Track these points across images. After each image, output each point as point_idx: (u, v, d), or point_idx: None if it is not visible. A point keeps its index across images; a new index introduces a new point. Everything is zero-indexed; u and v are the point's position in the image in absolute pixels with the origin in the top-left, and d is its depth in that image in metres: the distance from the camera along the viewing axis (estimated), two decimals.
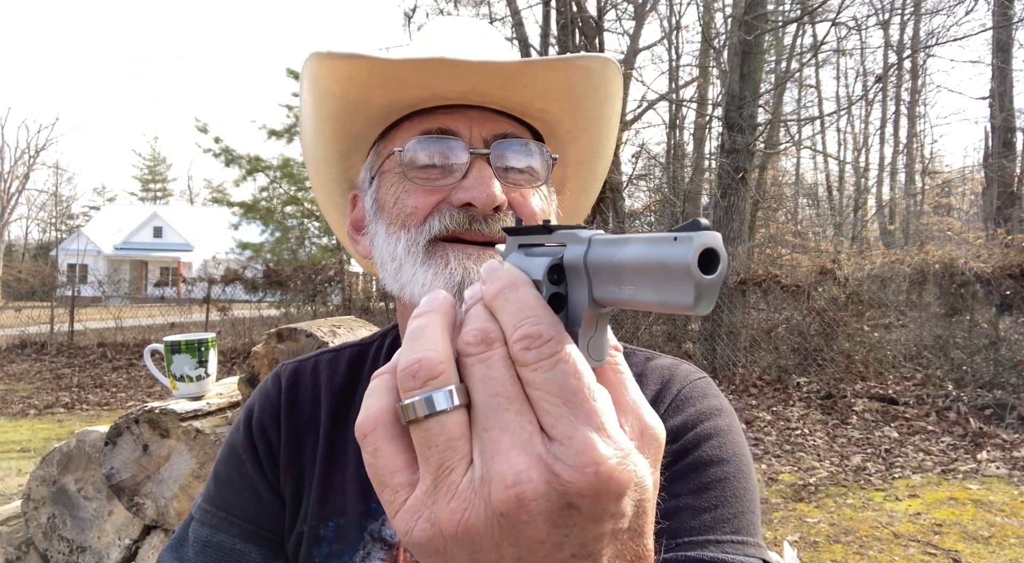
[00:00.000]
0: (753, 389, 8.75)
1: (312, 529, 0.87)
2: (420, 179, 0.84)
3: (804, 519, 4.76)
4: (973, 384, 7.84)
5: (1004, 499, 5.07)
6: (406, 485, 0.41)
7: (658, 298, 0.36)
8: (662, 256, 0.35)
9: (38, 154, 44.63)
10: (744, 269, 9.75)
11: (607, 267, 0.39)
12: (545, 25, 12.42)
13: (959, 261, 8.57)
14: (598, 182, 1.06)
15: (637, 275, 0.37)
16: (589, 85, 0.88)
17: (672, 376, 0.89)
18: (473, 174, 0.82)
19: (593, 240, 0.41)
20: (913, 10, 17.68)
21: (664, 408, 0.85)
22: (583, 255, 0.41)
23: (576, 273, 0.41)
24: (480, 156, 0.84)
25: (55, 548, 2.22)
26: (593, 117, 0.94)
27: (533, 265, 0.44)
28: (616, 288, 0.39)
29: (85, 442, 2.27)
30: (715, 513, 0.75)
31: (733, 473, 0.79)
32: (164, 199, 66.78)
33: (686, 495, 0.76)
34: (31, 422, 8.30)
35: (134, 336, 14.19)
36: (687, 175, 18.01)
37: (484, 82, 0.83)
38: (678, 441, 0.81)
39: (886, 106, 25.71)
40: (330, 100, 0.88)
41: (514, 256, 0.47)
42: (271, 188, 16.60)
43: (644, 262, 0.36)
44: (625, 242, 0.38)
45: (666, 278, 0.35)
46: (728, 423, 0.85)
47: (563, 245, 0.43)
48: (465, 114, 0.87)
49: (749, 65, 10.36)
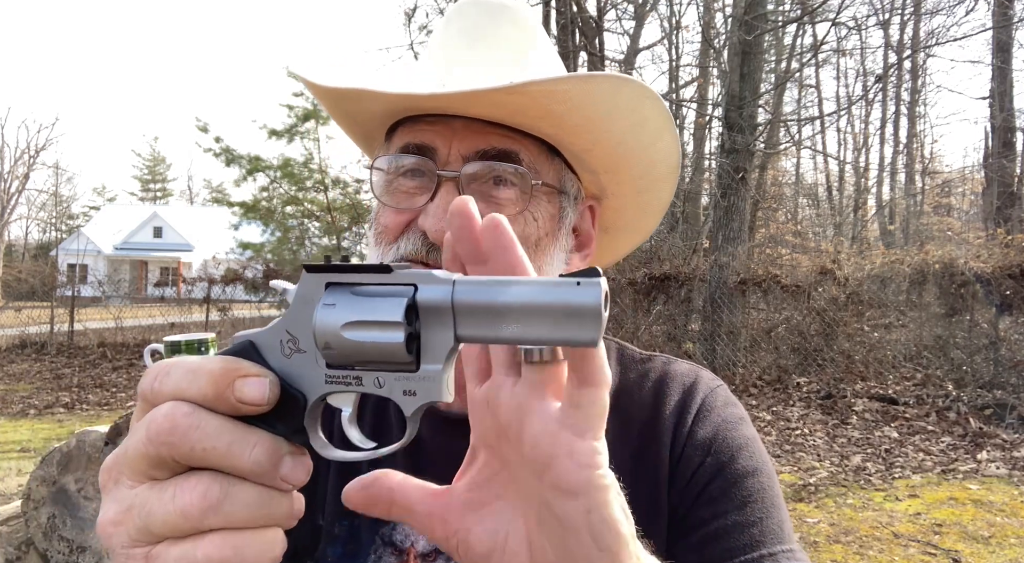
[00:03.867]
0: (753, 389, 8.75)
1: (328, 526, 0.86)
2: (394, 194, 0.83)
3: (804, 519, 4.76)
4: (973, 384, 7.84)
5: (1004, 499, 5.07)
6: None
7: (553, 335, 0.39)
8: (566, 299, 0.39)
9: (38, 154, 44.66)
10: (744, 269, 9.75)
11: (484, 307, 0.41)
12: (545, 25, 12.40)
13: (959, 261, 8.57)
14: (658, 182, 0.95)
15: (527, 315, 0.39)
16: (570, 105, 0.78)
17: (694, 383, 0.91)
18: (436, 199, 0.78)
19: (459, 281, 0.42)
20: (913, 10, 17.69)
21: (692, 417, 0.86)
22: (449, 296, 0.41)
23: (436, 313, 0.42)
24: (449, 179, 0.79)
25: (55, 548, 2.22)
26: (597, 131, 0.83)
27: (380, 305, 0.42)
28: (494, 327, 0.41)
29: (85, 442, 2.27)
30: (762, 526, 0.79)
31: (767, 482, 0.83)
32: (164, 199, 66.80)
33: (732, 512, 0.79)
34: (31, 422, 8.30)
35: (134, 336, 14.19)
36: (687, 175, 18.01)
37: (444, 101, 0.77)
38: (712, 453, 0.83)
39: (886, 106, 25.72)
40: (326, 108, 0.94)
41: (335, 296, 0.44)
42: (271, 188, 16.59)
43: (541, 304, 0.39)
44: (508, 284, 0.40)
45: (569, 318, 0.39)
46: (752, 431, 0.88)
47: (411, 285, 0.43)
48: (450, 125, 0.81)
49: (749, 65, 10.36)
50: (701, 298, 10.35)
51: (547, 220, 0.84)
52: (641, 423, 0.87)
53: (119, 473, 0.45)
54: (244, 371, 0.44)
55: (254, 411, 0.44)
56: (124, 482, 0.44)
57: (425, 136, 0.82)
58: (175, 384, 0.44)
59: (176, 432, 0.42)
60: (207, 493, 0.42)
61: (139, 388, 0.46)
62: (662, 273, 10.25)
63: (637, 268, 10.58)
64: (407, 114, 0.85)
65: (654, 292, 10.36)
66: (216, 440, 0.42)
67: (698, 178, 17.45)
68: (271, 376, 0.44)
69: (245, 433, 0.43)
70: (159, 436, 0.42)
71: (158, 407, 0.44)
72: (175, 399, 0.43)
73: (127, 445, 0.44)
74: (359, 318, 0.43)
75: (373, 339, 0.42)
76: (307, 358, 0.45)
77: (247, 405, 0.43)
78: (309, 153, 16.15)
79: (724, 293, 9.62)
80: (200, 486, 0.42)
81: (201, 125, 15.22)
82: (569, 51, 11.93)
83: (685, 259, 11.25)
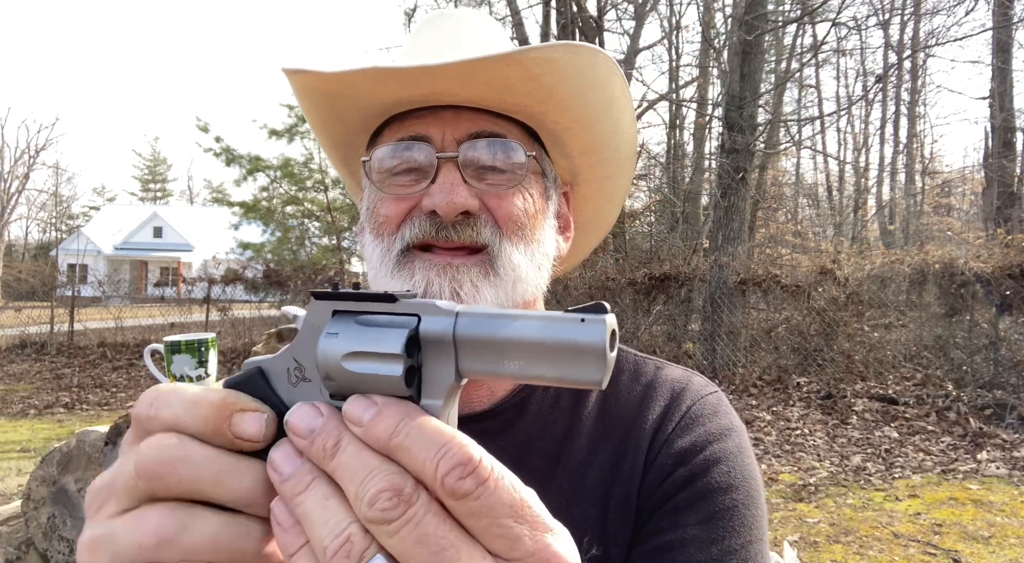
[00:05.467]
0: (753, 389, 8.75)
1: None
2: (392, 187, 0.83)
3: (804, 519, 4.76)
4: (973, 384, 7.84)
5: (1004, 499, 5.07)
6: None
7: (556, 374, 0.37)
8: (569, 337, 0.36)
9: (38, 154, 44.65)
10: (744, 269, 9.75)
11: (487, 342, 0.39)
12: (545, 25, 12.42)
13: (959, 261, 8.57)
14: (621, 167, 0.99)
15: (530, 352, 0.37)
16: (559, 75, 0.80)
17: (683, 390, 0.87)
18: (439, 180, 0.80)
19: (461, 313, 0.40)
20: (913, 10, 17.70)
21: (673, 426, 0.83)
22: (451, 328, 0.40)
23: (437, 346, 0.40)
24: (448, 160, 0.80)
25: (55, 548, 2.22)
26: (579, 107, 0.86)
27: (381, 336, 0.41)
28: (496, 363, 0.38)
29: (85, 442, 2.27)
30: (723, 545, 0.74)
31: (742, 500, 0.78)
32: (164, 199, 66.82)
33: (694, 525, 0.75)
34: (31, 422, 8.30)
35: (134, 336, 14.19)
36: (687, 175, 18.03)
37: (440, 84, 0.79)
38: (686, 464, 0.79)
39: (886, 106, 25.72)
40: (309, 113, 0.91)
41: (338, 325, 0.43)
42: (271, 188, 16.61)
43: (543, 341, 0.37)
44: (512, 318, 0.38)
45: (572, 357, 0.36)
46: (738, 444, 0.83)
47: (414, 315, 0.41)
48: (439, 116, 0.83)
49: (749, 65, 10.36)
50: (701, 298, 10.35)
51: (538, 198, 0.87)
52: (623, 428, 0.85)
53: (104, 500, 0.44)
54: (242, 406, 0.43)
55: (251, 447, 0.43)
56: (105, 510, 0.43)
57: (417, 127, 0.83)
58: (173, 414, 0.43)
59: (164, 466, 0.41)
60: (160, 526, 0.41)
61: (134, 412, 0.45)
62: (662, 273, 10.25)
63: (637, 268, 10.59)
64: (398, 110, 0.86)
65: (654, 292, 10.36)
66: (204, 471, 0.41)
67: (698, 178, 17.46)
68: (269, 413, 0.43)
69: (236, 464, 0.42)
70: (147, 470, 0.41)
71: (148, 439, 0.43)
72: (169, 430, 0.42)
73: (115, 474, 0.43)
74: (359, 349, 0.41)
75: (372, 371, 0.40)
76: (312, 387, 0.44)
77: (243, 440, 0.42)
78: (309, 153, 16.18)
79: (724, 293, 9.62)
80: (155, 518, 0.41)
81: (201, 125, 15.24)
82: None
83: (685, 259, 11.26)
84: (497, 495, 0.36)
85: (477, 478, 0.35)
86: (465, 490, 0.35)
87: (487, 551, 0.36)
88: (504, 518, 0.36)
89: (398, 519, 0.35)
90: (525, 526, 0.36)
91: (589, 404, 0.88)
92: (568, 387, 0.40)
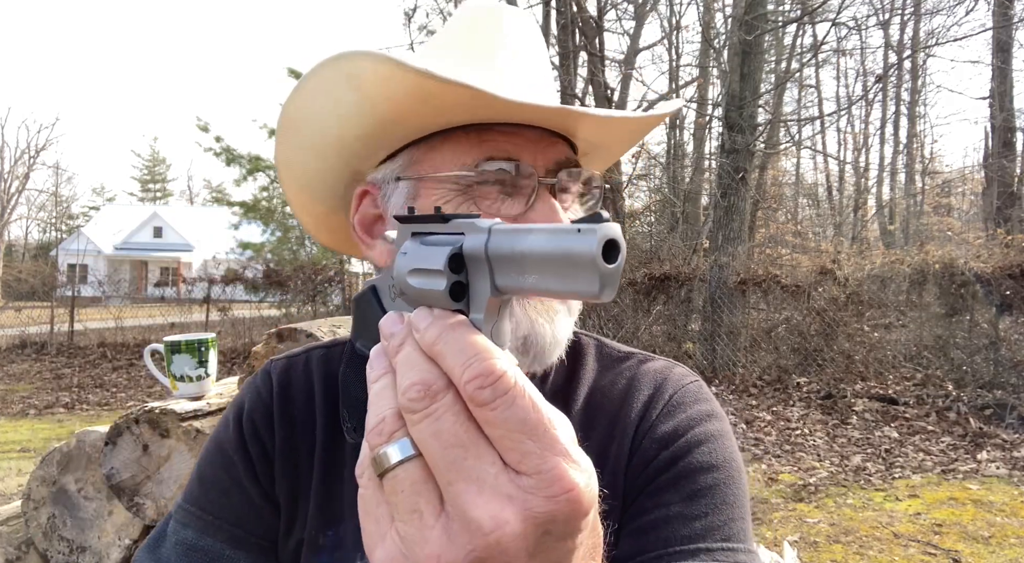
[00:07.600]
0: (753, 389, 8.75)
1: (311, 538, 0.85)
2: (483, 200, 0.80)
3: (804, 519, 4.76)
4: (973, 384, 7.84)
5: (1004, 499, 5.07)
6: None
7: (563, 286, 0.38)
8: (567, 247, 0.37)
9: (38, 154, 44.60)
10: (744, 269, 9.75)
11: (509, 256, 0.40)
12: (545, 25, 12.41)
13: (959, 261, 8.56)
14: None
15: (541, 264, 0.38)
16: (645, 126, 0.91)
17: (665, 380, 0.90)
18: (539, 206, 0.80)
19: (493, 229, 0.42)
20: (913, 10, 17.70)
21: (656, 413, 0.85)
22: (484, 244, 0.41)
23: (477, 262, 0.42)
24: (545, 186, 0.81)
25: (55, 548, 2.22)
26: (628, 144, 0.96)
27: (431, 254, 0.44)
28: (519, 276, 0.40)
29: (85, 442, 2.27)
30: (706, 521, 0.76)
31: (724, 479, 0.80)
32: (164, 199, 66.75)
33: (676, 503, 0.77)
34: (31, 422, 8.30)
35: (134, 336, 14.18)
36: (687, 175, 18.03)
37: (538, 115, 0.79)
38: (669, 447, 0.82)
39: (886, 106, 25.70)
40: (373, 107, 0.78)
41: (408, 244, 0.48)
42: (271, 188, 16.59)
43: (548, 252, 0.38)
44: (528, 232, 0.39)
45: (571, 267, 0.37)
46: (719, 428, 0.85)
47: (461, 234, 0.44)
48: (527, 137, 0.82)
49: (749, 65, 10.36)
50: (701, 298, 10.35)
51: None
52: (609, 418, 0.87)
53: None
54: None
55: None
56: None
57: (507, 148, 0.81)
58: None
59: None
60: None
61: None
62: (662, 273, 10.25)
63: (637, 268, 10.58)
64: (463, 124, 0.81)
65: (654, 292, 10.36)
66: None
67: (698, 178, 17.45)
68: None
69: None
70: None
71: None
72: None
73: None
74: (417, 266, 0.45)
75: (426, 286, 0.44)
76: (403, 302, 0.49)
77: None
78: None
79: (724, 293, 9.62)
80: None
81: (201, 125, 15.23)
82: (569, 51, 11.92)
83: (685, 259, 11.25)
84: (513, 410, 0.38)
85: (495, 390, 0.38)
86: (484, 399, 0.38)
87: (501, 459, 0.38)
88: (516, 432, 0.37)
89: (421, 411, 0.39)
90: (538, 444, 0.37)
91: (580, 398, 0.90)
92: (573, 299, 0.42)
